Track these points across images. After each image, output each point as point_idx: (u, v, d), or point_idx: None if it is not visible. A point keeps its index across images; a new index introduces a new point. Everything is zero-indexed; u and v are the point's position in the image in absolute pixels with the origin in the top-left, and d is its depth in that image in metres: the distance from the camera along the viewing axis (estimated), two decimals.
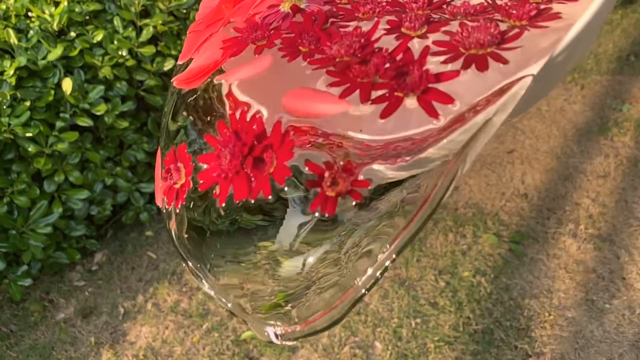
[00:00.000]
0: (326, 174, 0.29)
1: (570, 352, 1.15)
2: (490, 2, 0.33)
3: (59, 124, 1.28)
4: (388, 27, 0.32)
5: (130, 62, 1.38)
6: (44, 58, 1.28)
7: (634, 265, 1.31)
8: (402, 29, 0.32)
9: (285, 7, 0.37)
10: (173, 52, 1.44)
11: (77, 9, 1.36)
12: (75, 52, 1.32)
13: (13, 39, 1.26)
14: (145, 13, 1.44)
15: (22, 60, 1.23)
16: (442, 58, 0.29)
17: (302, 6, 0.37)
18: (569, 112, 1.92)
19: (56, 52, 1.27)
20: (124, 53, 1.38)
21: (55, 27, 1.33)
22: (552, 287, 1.29)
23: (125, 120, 1.39)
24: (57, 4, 1.37)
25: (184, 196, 0.35)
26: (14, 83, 1.22)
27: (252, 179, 0.30)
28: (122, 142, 1.47)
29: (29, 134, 1.22)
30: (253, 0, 0.41)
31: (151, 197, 1.54)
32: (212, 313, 1.32)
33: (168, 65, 1.43)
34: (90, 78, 1.36)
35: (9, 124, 1.20)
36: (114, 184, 1.43)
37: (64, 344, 1.28)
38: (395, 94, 0.29)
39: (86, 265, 1.49)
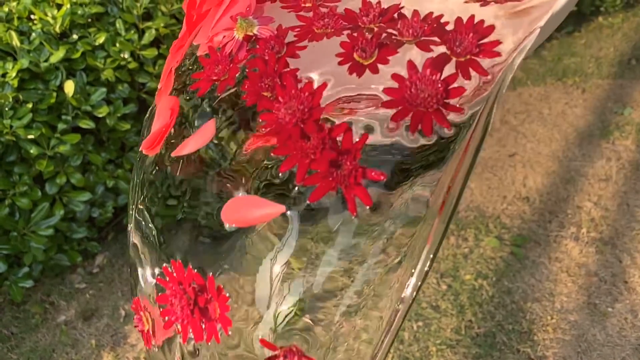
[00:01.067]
0: (278, 351, 0.33)
1: (573, 355, 1.14)
2: (437, 26, 0.33)
3: (61, 126, 1.28)
4: (342, 51, 0.33)
5: (132, 65, 1.38)
6: (46, 60, 1.28)
7: (636, 269, 1.31)
8: (355, 56, 0.32)
9: (238, 35, 0.38)
10: None
11: (79, 12, 1.36)
12: (77, 55, 1.32)
13: (15, 41, 1.26)
14: (148, 16, 1.45)
15: (24, 63, 1.23)
16: (391, 112, 0.31)
17: (255, 31, 0.37)
18: (571, 115, 1.92)
19: (58, 55, 1.27)
20: (126, 55, 1.38)
21: (57, 29, 1.33)
22: (554, 291, 1.28)
23: (127, 122, 1.39)
24: (59, 7, 1.37)
25: (152, 340, 0.40)
26: (16, 85, 1.22)
27: (204, 325, 0.34)
28: (123, 145, 1.47)
29: (30, 136, 1.22)
30: (210, 19, 0.40)
31: None
32: None
33: None
34: (92, 80, 1.36)
35: (11, 126, 1.20)
36: (115, 186, 1.43)
37: (65, 347, 1.28)
38: (326, 179, 0.30)
39: (87, 268, 1.49)
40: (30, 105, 1.22)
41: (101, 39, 1.35)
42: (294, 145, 0.31)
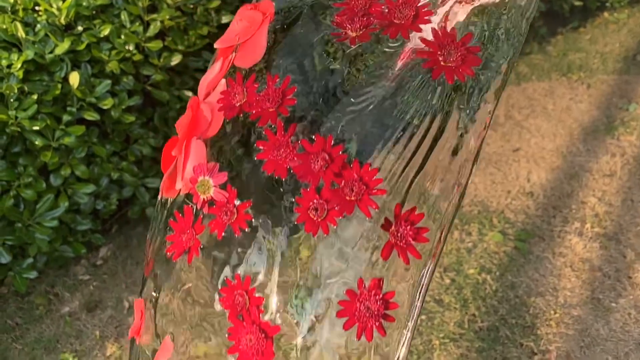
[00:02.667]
0: None
1: (576, 350, 1.14)
2: (383, 225, 0.41)
3: (66, 117, 1.28)
4: (299, 206, 0.41)
5: (137, 57, 1.38)
6: (51, 52, 1.28)
7: None
8: (309, 214, 0.40)
9: (200, 194, 0.46)
10: (180, 47, 1.44)
11: (84, 3, 1.36)
12: (82, 46, 1.32)
13: (21, 33, 1.26)
14: (153, 8, 1.44)
15: (29, 54, 1.23)
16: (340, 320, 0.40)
17: (211, 193, 0.45)
18: (575, 111, 1.91)
19: (63, 46, 1.27)
20: (131, 48, 1.38)
21: (62, 21, 1.33)
22: (558, 285, 1.28)
23: (132, 114, 1.39)
24: None
25: None
26: (21, 76, 1.22)
27: None
28: (128, 137, 1.47)
29: (35, 128, 1.22)
30: (180, 165, 0.48)
31: (157, 192, 1.54)
32: None
33: (175, 60, 1.43)
34: (97, 72, 1.36)
35: (16, 117, 1.20)
36: (119, 178, 1.43)
37: (69, 337, 1.29)
38: None
39: (91, 260, 1.50)
40: (35, 97, 1.23)
41: (106, 30, 1.35)
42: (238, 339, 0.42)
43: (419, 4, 0.41)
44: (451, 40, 0.40)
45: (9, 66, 1.23)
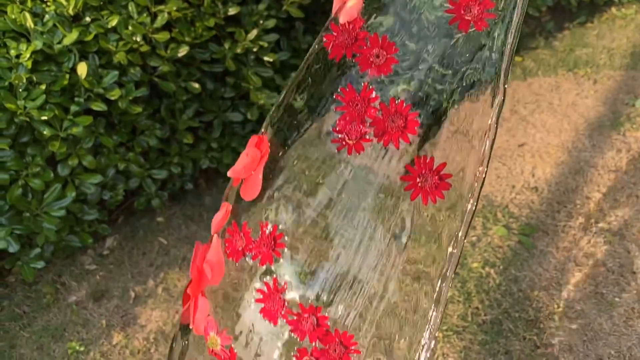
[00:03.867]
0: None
1: (579, 344, 1.15)
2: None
3: (74, 108, 1.29)
4: None
5: (145, 48, 1.39)
6: (59, 42, 1.28)
7: None
8: (298, 345, 0.50)
9: (210, 346, 0.54)
10: (187, 39, 1.45)
11: None
12: (90, 37, 1.32)
13: (29, 23, 1.27)
14: None
15: (38, 44, 1.24)
16: None
17: (218, 349, 0.53)
18: (581, 106, 1.91)
19: (71, 37, 1.28)
20: (139, 39, 1.38)
21: (70, 11, 1.34)
22: (562, 280, 1.29)
23: (139, 105, 1.39)
24: None
25: None
26: (29, 66, 1.22)
27: None
28: (135, 128, 1.47)
29: (44, 117, 1.23)
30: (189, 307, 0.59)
31: (163, 183, 1.55)
32: None
33: (182, 51, 1.43)
34: (104, 63, 1.36)
35: (25, 107, 1.21)
36: (126, 169, 1.44)
37: (76, 326, 1.30)
38: None
39: (97, 250, 1.51)
40: (43, 87, 1.23)
41: (114, 21, 1.36)
42: None
43: (409, 113, 0.48)
44: (429, 169, 0.48)
45: (18, 56, 1.24)
